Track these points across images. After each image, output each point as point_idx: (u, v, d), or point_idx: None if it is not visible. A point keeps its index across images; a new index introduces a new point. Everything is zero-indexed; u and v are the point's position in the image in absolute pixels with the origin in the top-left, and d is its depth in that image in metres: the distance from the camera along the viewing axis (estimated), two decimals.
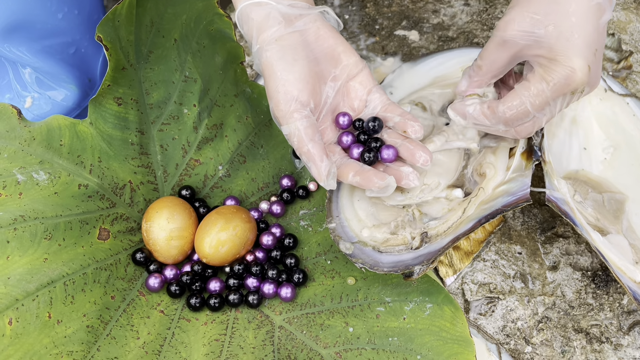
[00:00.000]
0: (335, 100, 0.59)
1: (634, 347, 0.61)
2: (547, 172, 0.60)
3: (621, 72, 0.73)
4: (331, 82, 0.58)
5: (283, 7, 0.56)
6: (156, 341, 0.58)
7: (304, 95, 0.55)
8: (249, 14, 0.56)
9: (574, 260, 0.65)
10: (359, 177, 0.56)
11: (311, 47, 0.57)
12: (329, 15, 0.60)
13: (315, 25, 0.57)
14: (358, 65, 0.59)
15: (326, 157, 0.55)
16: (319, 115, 0.58)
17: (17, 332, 0.52)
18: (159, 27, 0.64)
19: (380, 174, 0.55)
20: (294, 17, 0.57)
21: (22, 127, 0.59)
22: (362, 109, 0.60)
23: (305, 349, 0.57)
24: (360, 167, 0.56)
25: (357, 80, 0.59)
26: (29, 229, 0.56)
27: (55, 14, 0.70)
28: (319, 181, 0.55)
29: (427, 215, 0.60)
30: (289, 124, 0.55)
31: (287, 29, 0.56)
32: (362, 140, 0.59)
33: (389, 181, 0.55)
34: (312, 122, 0.55)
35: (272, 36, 0.56)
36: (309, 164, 0.55)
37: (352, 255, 0.57)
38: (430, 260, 0.55)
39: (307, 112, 0.55)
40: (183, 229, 0.61)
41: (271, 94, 0.56)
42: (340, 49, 0.58)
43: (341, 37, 0.59)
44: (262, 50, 0.56)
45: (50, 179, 0.59)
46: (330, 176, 0.55)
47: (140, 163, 0.65)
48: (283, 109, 0.55)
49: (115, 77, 0.62)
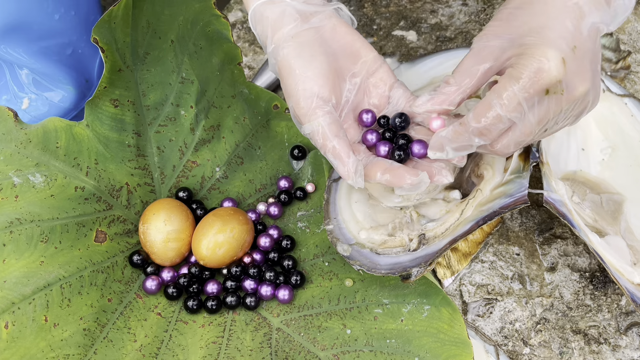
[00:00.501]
0: (356, 98, 0.57)
1: (632, 348, 0.61)
2: (544, 173, 0.60)
3: (619, 72, 0.73)
4: (351, 79, 0.56)
5: (298, 4, 0.55)
6: (153, 344, 0.57)
7: (325, 91, 0.53)
8: (263, 13, 0.55)
9: (572, 262, 0.65)
10: (389, 174, 0.53)
11: (328, 43, 0.56)
12: (343, 12, 0.58)
13: (331, 21, 0.56)
14: (377, 61, 0.57)
15: (353, 153, 0.53)
16: (341, 113, 0.56)
17: (13, 335, 0.52)
18: (156, 29, 0.64)
19: (412, 170, 0.53)
20: (309, 14, 0.55)
21: (18, 129, 0.59)
22: (384, 106, 0.58)
23: (303, 351, 0.57)
24: (390, 165, 0.54)
25: (377, 76, 0.57)
26: (25, 232, 0.56)
27: (52, 15, 0.70)
28: (347, 179, 0.53)
29: (425, 217, 0.60)
30: (312, 122, 0.53)
31: (303, 25, 0.54)
32: (387, 137, 0.57)
33: (422, 177, 0.52)
34: (336, 118, 0.53)
35: (288, 34, 0.54)
36: (335, 161, 0.53)
37: (350, 257, 0.57)
38: (428, 262, 0.55)
39: (329, 107, 0.53)
40: (180, 231, 0.61)
41: (290, 92, 0.54)
42: (358, 45, 0.57)
43: (357, 33, 0.57)
44: (279, 49, 0.54)
45: (47, 182, 0.59)
46: (358, 173, 0.52)
47: (137, 165, 0.64)
48: (304, 106, 0.53)
49: (112, 78, 0.62)
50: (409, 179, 0.52)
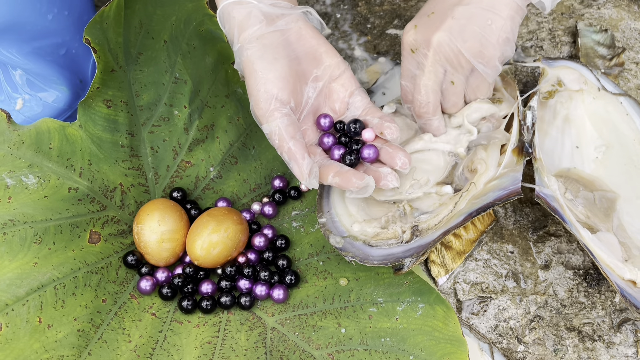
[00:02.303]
0: (316, 102, 0.59)
1: (625, 344, 0.61)
2: (537, 168, 0.60)
3: (613, 69, 0.73)
4: (312, 83, 0.58)
5: (265, 7, 0.56)
6: (148, 344, 0.57)
7: (284, 94, 0.55)
8: (230, 13, 0.56)
9: (565, 259, 0.65)
10: (338, 177, 0.55)
11: (293, 46, 0.57)
12: (312, 16, 0.59)
13: (297, 25, 0.57)
14: (340, 66, 0.59)
15: (308, 155, 0.55)
16: (300, 115, 0.58)
17: (7, 337, 0.52)
18: (148, 29, 0.64)
19: (359, 174, 0.55)
20: (275, 17, 0.56)
21: (11, 130, 0.59)
22: (343, 112, 0.60)
23: (298, 350, 0.57)
24: (340, 168, 0.56)
25: (339, 82, 0.59)
26: (18, 234, 0.56)
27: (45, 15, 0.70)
28: (301, 180, 0.55)
29: (418, 210, 0.60)
30: (270, 123, 0.55)
31: (268, 27, 0.56)
32: (343, 142, 0.59)
33: (367, 181, 0.55)
34: (293, 120, 0.55)
35: (252, 35, 0.55)
36: (290, 162, 0.55)
37: (342, 249, 0.57)
38: (420, 252, 0.55)
39: (287, 110, 0.55)
40: (174, 231, 0.61)
41: (251, 92, 0.56)
42: (322, 50, 0.58)
43: (323, 38, 0.59)
44: (243, 49, 0.56)
45: (40, 183, 0.59)
46: (312, 175, 0.55)
47: (131, 165, 0.64)
48: (263, 107, 0.55)
49: (104, 79, 0.62)
50: (355, 183, 0.55)
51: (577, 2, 0.78)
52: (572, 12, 0.77)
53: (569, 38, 0.76)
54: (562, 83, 0.67)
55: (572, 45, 0.76)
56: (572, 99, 0.67)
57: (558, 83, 0.67)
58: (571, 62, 0.67)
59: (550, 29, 0.76)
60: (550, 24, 0.77)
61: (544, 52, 0.75)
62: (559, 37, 0.76)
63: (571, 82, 0.67)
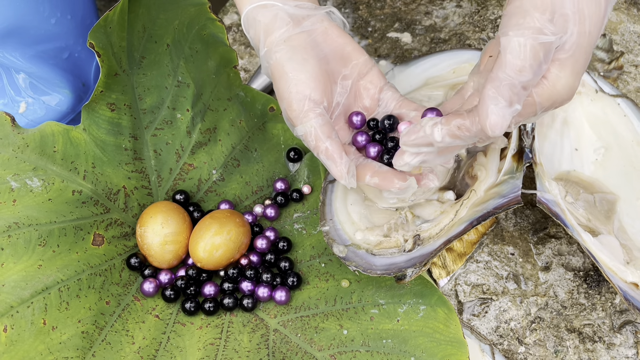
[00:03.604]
0: (347, 101, 0.58)
1: (626, 346, 0.62)
2: (538, 173, 0.61)
3: (612, 72, 0.74)
4: (342, 82, 0.57)
5: (290, 8, 0.55)
6: (151, 346, 0.58)
7: (316, 94, 0.54)
8: (256, 17, 0.56)
9: (566, 261, 0.66)
10: (377, 177, 0.54)
11: (320, 46, 0.56)
12: (335, 15, 0.59)
13: (323, 25, 0.57)
14: (367, 64, 0.58)
15: (345, 154, 0.54)
16: (332, 115, 0.57)
17: (12, 339, 0.53)
18: (151, 33, 0.64)
19: (401, 174, 0.54)
20: (301, 18, 0.56)
21: (16, 134, 0.59)
22: (375, 108, 0.59)
23: (300, 351, 0.57)
24: (379, 168, 0.55)
25: (368, 79, 0.58)
26: (23, 236, 0.56)
27: (48, 19, 0.70)
28: (340, 179, 0.54)
29: (420, 217, 0.60)
30: (304, 124, 0.54)
31: (295, 29, 0.55)
32: (377, 139, 0.58)
33: (410, 182, 0.54)
34: (327, 119, 0.54)
35: (280, 37, 0.55)
36: (327, 162, 0.54)
37: (346, 259, 0.57)
38: (422, 262, 0.56)
39: (321, 109, 0.54)
40: (177, 233, 0.62)
41: (283, 95, 0.55)
42: (350, 48, 0.57)
43: (349, 36, 0.58)
44: (271, 52, 0.55)
45: (44, 186, 0.59)
46: (350, 173, 0.53)
47: (134, 168, 0.65)
48: (296, 108, 0.54)
49: (108, 83, 0.62)
50: (397, 184, 0.54)
51: None
52: None
53: None
54: None
55: None
56: (570, 101, 0.67)
57: None
58: None
59: None
60: None
61: None
62: None
63: None
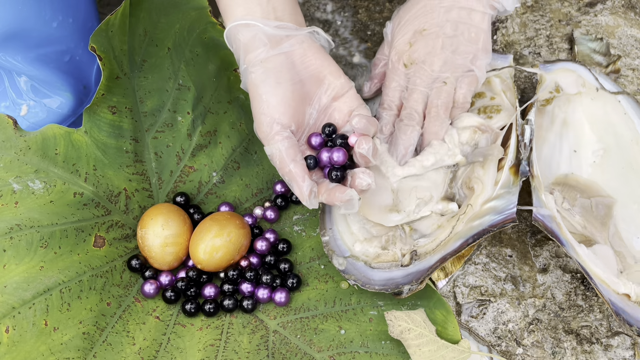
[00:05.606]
0: (318, 121, 0.60)
1: (623, 347, 0.62)
2: (534, 187, 0.60)
3: (610, 76, 0.74)
4: (316, 103, 0.59)
5: (269, 29, 0.57)
6: (152, 347, 0.58)
7: (285, 118, 0.57)
8: (236, 35, 0.58)
9: (563, 263, 0.66)
10: (326, 194, 0.57)
11: (297, 69, 0.58)
12: (319, 35, 0.60)
13: (302, 47, 0.58)
14: (344, 86, 0.60)
15: (308, 176, 0.56)
16: (301, 136, 0.59)
17: (14, 339, 0.53)
18: (153, 37, 0.65)
19: (342, 188, 0.56)
20: (280, 39, 0.58)
21: (18, 136, 0.60)
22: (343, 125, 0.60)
23: (300, 353, 0.58)
24: (328, 185, 0.57)
25: (342, 100, 0.60)
26: (25, 238, 0.57)
27: (50, 22, 0.71)
28: (302, 200, 0.56)
29: (417, 231, 0.61)
30: (271, 145, 0.57)
31: (272, 51, 0.57)
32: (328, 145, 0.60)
33: (349, 193, 0.56)
34: (293, 143, 0.57)
35: (257, 57, 0.57)
36: (291, 183, 0.57)
37: (345, 272, 0.58)
38: (419, 280, 0.56)
39: (287, 133, 0.57)
40: (178, 235, 0.62)
41: (254, 115, 0.58)
42: (327, 71, 0.59)
43: (329, 58, 0.60)
44: (248, 72, 0.58)
45: (46, 188, 0.60)
46: (312, 195, 0.56)
47: (135, 171, 0.65)
48: (265, 130, 0.57)
49: (109, 86, 0.63)
50: (338, 197, 0.56)
51: (575, 9, 0.79)
52: (569, 19, 0.78)
53: (567, 45, 0.77)
54: (560, 88, 0.67)
55: (569, 52, 0.76)
56: (570, 101, 0.67)
57: (556, 89, 0.67)
58: (569, 62, 0.67)
59: (547, 36, 0.77)
60: (547, 30, 0.78)
61: (541, 58, 0.76)
62: (556, 44, 0.77)
63: (569, 86, 0.67)
